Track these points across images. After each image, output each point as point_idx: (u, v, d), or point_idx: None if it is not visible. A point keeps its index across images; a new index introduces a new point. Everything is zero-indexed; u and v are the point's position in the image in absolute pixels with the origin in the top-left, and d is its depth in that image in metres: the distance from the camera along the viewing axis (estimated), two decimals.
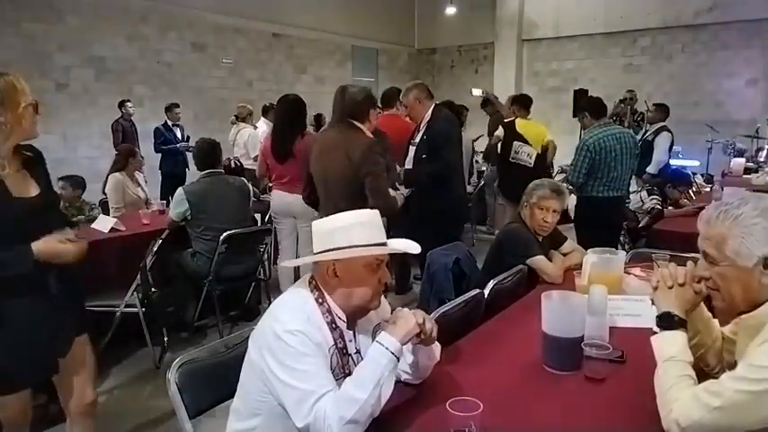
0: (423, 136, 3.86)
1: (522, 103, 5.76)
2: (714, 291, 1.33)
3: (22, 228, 1.72)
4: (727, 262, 1.26)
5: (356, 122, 3.04)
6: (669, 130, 6.22)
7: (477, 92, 6.78)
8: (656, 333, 1.38)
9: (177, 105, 7.50)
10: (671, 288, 1.40)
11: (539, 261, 2.63)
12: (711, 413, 1.16)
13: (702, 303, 1.46)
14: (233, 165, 4.67)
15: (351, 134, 3.02)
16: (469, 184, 6.06)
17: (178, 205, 3.63)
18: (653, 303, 1.44)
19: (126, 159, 4.76)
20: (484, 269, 2.92)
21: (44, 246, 1.71)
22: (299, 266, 3.49)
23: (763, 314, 1.24)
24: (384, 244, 1.44)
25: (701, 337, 1.49)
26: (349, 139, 2.99)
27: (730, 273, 1.27)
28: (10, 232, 1.70)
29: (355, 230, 1.40)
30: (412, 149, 3.94)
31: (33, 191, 1.81)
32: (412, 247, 1.48)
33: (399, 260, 4.22)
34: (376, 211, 1.48)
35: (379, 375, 1.27)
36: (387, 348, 1.30)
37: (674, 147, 6.43)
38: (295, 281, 1.55)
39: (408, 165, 3.94)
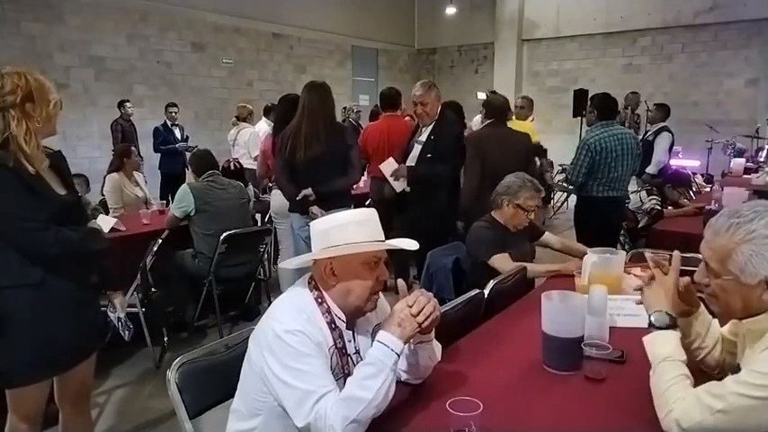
0: (430, 135, 3.85)
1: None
2: (712, 298, 1.32)
3: (57, 223, 1.77)
4: (730, 276, 1.23)
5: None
6: (669, 131, 6.21)
7: (482, 95, 6.92)
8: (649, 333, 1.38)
9: (174, 105, 7.49)
10: (648, 285, 1.41)
11: (498, 260, 2.66)
12: (714, 415, 1.16)
13: (703, 306, 1.47)
14: (233, 167, 4.65)
15: (515, 132, 4.10)
16: None
17: (182, 200, 3.62)
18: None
19: (121, 160, 4.74)
20: (467, 271, 2.93)
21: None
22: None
23: (765, 320, 1.23)
24: (381, 242, 1.44)
25: (703, 340, 1.49)
26: (517, 135, 4.05)
27: (731, 287, 1.24)
28: (58, 220, 1.77)
29: (351, 229, 1.40)
30: (417, 147, 3.92)
31: (62, 189, 1.86)
32: (408, 243, 1.47)
33: (398, 260, 4.23)
34: (373, 210, 1.48)
35: (384, 376, 1.27)
36: (390, 348, 1.30)
37: (674, 147, 6.44)
38: (295, 281, 1.55)
39: (411, 163, 3.93)
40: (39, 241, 1.72)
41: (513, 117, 5.90)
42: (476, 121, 6.48)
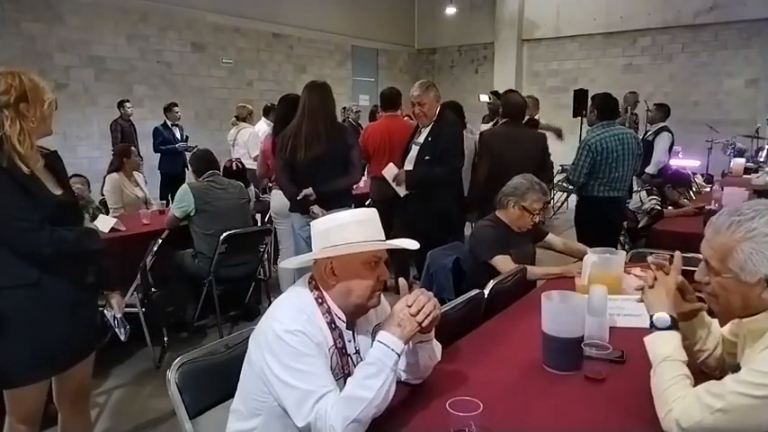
0: (427, 137, 3.81)
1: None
2: (712, 297, 1.32)
3: (53, 223, 1.77)
4: (730, 275, 1.23)
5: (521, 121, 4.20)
6: (669, 131, 6.21)
7: (484, 98, 6.95)
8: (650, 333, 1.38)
9: (176, 105, 7.49)
10: (652, 287, 1.41)
11: (499, 261, 2.65)
12: (713, 414, 1.16)
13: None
14: (234, 167, 4.64)
15: (530, 131, 4.34)
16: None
17: (182, 200, 3.62)
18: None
19: (121, 160, 4.74)
20: (468, 269, 2.93)
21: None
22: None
23: (765, 319, 1.23)
24: (382, 242, 1.44)
25: (704, 342, 1.49)
26: (532, 134, 4.26)
27: (731, 285, 1.24)
28: (54, 220, 1.77)
29: (351, 228, 1.40)
30: (415, 149, 3.87)
31: (57, 190, 1.85)
32: (408, 243, 1.46)
33: (398, 260, 4.22)
34: (374, 210, 1.48)
35: (384, 376, 1.27)
36: (390, 348, 1.30)
37: (673, 147, 6.44)
38: (295, 281, 1.55)
39: (409, 165, 3.89)
40: (33, 242, 1.72)
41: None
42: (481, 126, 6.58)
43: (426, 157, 3.77)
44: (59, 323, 1.82)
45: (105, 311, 2.15)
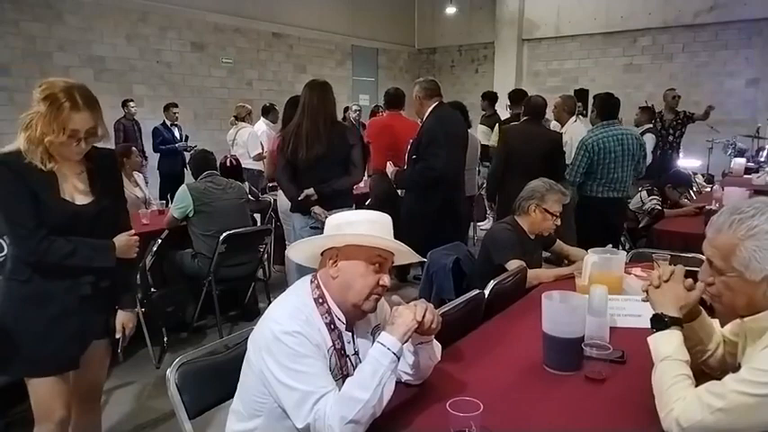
0: (416, 136, 3.82)
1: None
2: (715, 297, 1.31)
3: (65, 231, 1.77)
4: (734, 273, 1.23)
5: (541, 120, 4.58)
6: (654, 132, 6.29)
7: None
8: (653, 333, 1.38)
9: (175, 105, 7.48)
10: (658, 287, 1.41)
11: (516, 266, 2.62)
12: (714, 414, 1.15)
13: (703, 310, 1.47)
14: (229, 163, 4.62)
15: (547, 130, 4.69)
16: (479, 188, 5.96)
17: (181, 200, 3.61)
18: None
19: (121, 159, 4.71)
20: (476, 269, 2.91)
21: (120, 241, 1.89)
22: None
23: (766, 318, 1.23)
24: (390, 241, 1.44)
25: (704, 343, 1.49)
26: (548, 133, 4.61)
27: (735, 284, 1.24)
28: (60, 228, 1.77)
29: (364, 225, 1.41)
30: (408, 148, 3.92)
31: (87, 198, 1.83)
32: (412, 255, 1.47)
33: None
34: (386, 215, 1.49)
35: (380, 376, 1.27)
36: (388, 349, 1.30)
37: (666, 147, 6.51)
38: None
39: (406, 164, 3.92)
40: (22, 247, 1.77)
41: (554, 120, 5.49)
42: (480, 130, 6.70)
43: (413, 156, 3.77)
44: (40, 326, 1.81)
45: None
